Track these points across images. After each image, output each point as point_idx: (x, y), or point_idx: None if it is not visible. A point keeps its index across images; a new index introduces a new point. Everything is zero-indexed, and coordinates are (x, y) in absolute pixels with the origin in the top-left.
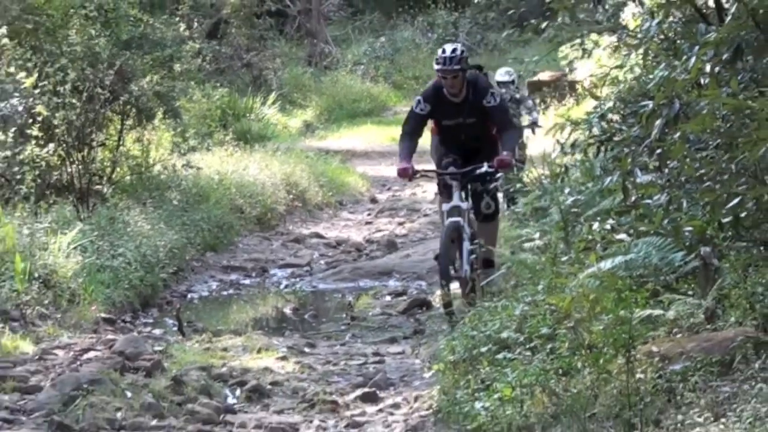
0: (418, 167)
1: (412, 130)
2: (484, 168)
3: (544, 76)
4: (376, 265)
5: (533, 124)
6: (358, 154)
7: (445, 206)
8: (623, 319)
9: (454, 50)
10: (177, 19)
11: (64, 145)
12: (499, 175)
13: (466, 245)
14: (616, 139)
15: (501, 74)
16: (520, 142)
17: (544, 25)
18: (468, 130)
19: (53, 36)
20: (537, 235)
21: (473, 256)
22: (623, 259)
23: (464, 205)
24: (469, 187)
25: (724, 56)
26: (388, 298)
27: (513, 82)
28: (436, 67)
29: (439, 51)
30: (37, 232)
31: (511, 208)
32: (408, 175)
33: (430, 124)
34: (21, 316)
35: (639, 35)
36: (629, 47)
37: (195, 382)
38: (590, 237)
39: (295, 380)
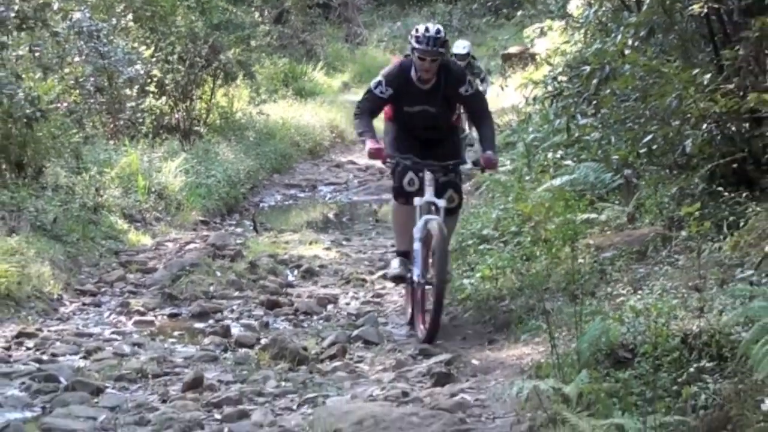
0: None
1: (370, 111)
2: (468, 165)
3: (513, 50)
4: None
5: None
6: None
7: (418, 200)
8: (569, 221)
9: (438, 30)
10: (252, 8)
11: (173, 98)
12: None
13: (439, 256)
14: (564, 93)
15: (457, 47)
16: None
17: (519, 13)
18: (430, 118)
19: (165, 20)
20: (508, 161)
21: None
22: (569, 178)
23: (441, 203)
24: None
25: (642, 34)
26: None
27: (468, 53)
28: (416, 46)
29: (421, 29)
30: (153, 160)
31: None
32: (382, 156)
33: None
34: (142, 219)
35: (581, 20)
36: (574, 28)
37: (265, 265)
38: (546, 163)
39: (336, 264)
